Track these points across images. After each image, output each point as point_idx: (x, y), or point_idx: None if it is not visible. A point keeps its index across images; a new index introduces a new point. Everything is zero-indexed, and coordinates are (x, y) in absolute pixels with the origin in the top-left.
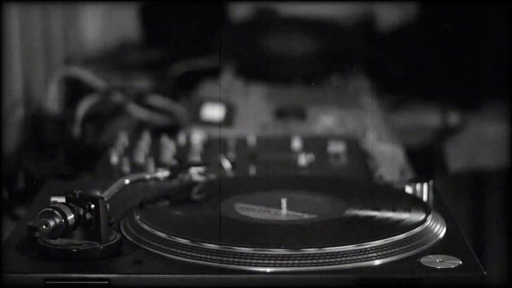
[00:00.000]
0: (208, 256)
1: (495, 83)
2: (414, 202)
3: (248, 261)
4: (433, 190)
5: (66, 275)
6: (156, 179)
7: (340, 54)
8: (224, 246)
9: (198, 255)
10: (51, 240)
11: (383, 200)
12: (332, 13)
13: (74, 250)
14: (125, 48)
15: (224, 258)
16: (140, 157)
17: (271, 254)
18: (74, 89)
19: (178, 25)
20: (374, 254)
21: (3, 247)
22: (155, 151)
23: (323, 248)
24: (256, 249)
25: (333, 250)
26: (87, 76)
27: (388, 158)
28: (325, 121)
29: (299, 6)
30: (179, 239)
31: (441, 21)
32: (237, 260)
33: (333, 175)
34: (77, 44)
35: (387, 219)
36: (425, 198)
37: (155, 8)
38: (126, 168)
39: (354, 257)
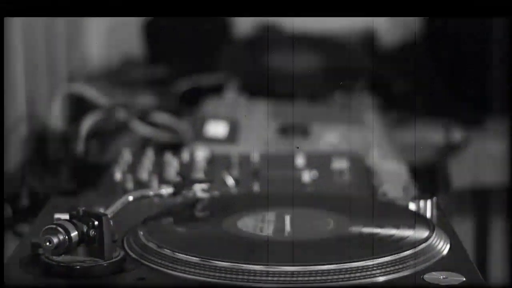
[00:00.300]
0: (212, 273)
1: (498, 100)
2: (417, 219)
3: (252, 277)
4: (437, 207)
5: None
6: (160, 196)
7: (344, 70)
8: (228, 263)
9: (202, 272)
10: (54, 257)
11: (387, 217)
12: (336, 30)
13: (78, 267)
14: (128, 65)
15: (228, 275)
16: (143, 174)
17: (274, 271)
18: (78, 106)
19: (182, 42)
20: (378, 271)
21: (7, 264)
22: (159, 168)
23: (327, 265)
24: (259, 266)
25: (337, 267)
26: (91, 93)
27: (391, 175)
28: (329, 137)
29: (303, 22)
30: (182, 256)
31: (445, 38)
32: (240, 277)
33: (336, 192)
34: (80, 61)
35: (391, 236)
36: (428, 215)
37: (158, 25)
38: (129, 184)
39: (358, 274)
